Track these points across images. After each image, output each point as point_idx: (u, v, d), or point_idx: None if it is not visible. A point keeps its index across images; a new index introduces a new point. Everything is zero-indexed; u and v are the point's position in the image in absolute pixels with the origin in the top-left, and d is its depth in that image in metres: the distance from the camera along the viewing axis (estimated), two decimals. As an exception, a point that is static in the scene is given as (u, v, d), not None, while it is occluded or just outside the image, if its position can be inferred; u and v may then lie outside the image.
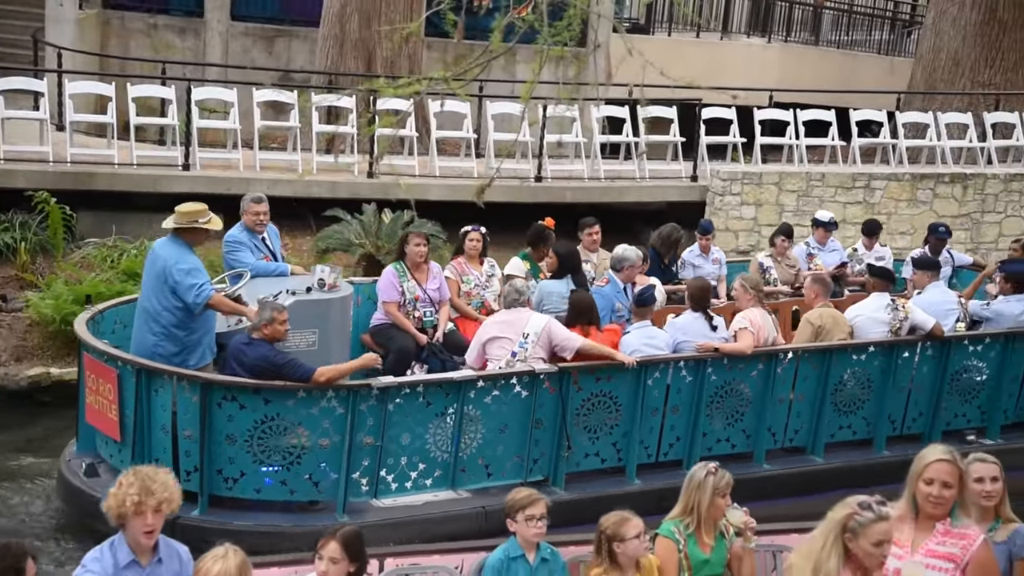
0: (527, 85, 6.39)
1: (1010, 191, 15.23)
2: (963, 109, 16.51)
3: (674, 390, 8.57)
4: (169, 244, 7.92)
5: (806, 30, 21.28)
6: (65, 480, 8.16)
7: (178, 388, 7.49)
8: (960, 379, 9.66)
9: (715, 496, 5.46)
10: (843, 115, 15.66)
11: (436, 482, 7.93)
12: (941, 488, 4.58)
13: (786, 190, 14.60)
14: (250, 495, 7.57)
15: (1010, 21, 17.06)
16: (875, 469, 9.10)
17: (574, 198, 14.45)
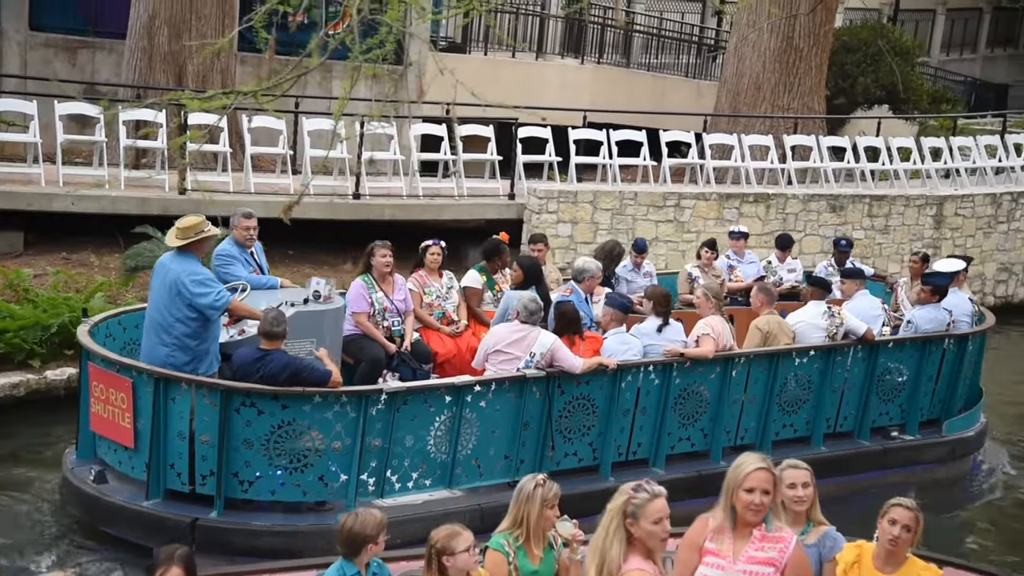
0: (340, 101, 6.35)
1: (808, 210, 16.00)
2: (765, 132, 17.25)
3: (643, 392, 9.04)
4: (177, 257, 8.13)
5: (618, 52, 21.85)
6: (74, 487, 8.26)
7: (197, 395, 7.74)
8: (884, 380, 10.34)
9: (544, 507, 5.48)
10: (654, 136, 16.14)
11: (435, 482, 8.28)
12: (761, 496, 4.75)
13: (601, 208, 14.93)
14: (265, 497, 7.83)
15: (805, 49, 17.94)
16: (814, 465, 9.20)
17: (393, 215, 14.40)
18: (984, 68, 31.38)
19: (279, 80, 5.89)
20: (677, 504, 7.38)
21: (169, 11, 15.11)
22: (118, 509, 7.96)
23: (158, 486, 7.94)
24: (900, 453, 10.49)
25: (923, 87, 21.55)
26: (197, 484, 7.85)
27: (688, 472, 9.17)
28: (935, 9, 30.19)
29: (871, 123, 19.37)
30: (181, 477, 7.89)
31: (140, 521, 7.91)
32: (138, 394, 7.89)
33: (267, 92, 5.84)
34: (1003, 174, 18.63)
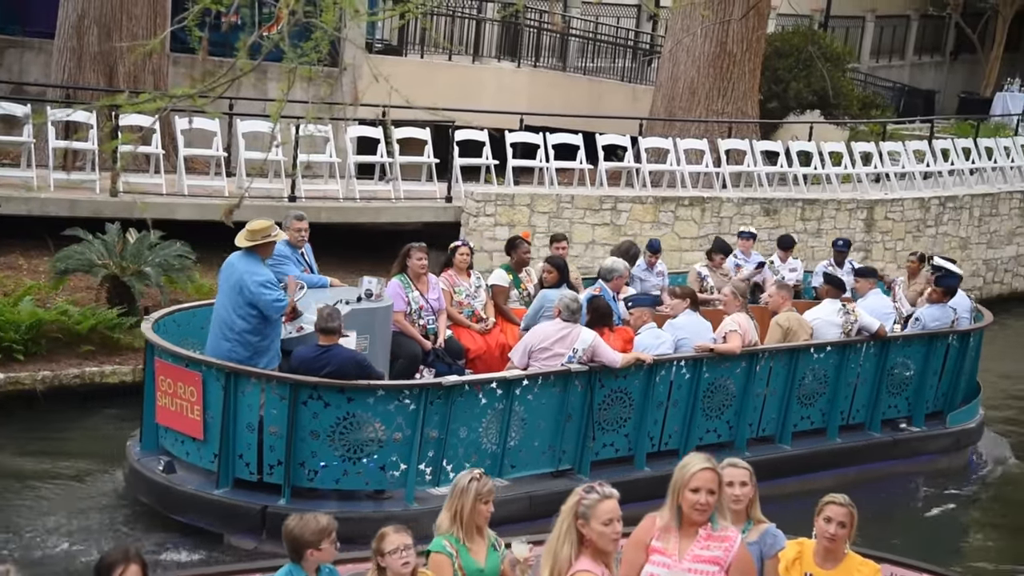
0: (276, 104, 6.29)
1: (743, 214, 16.18)
2: (700, 136, 17.42)
3: (675, 386, 9.52)
4: (244, 258, 8.57)
5: (554, 56, 21.92)
6: (144, 477, 8.63)
7: (267, 388, 8.15)
8: (893, 374, 10.90)
9: (477, 502, 5.49)
10: (590, 139, 16.22)
11: (486, 471, 8.38)
12: (707, 495, 4.80)
13: (538, 211, 14.97)
14: (330, 485, 8.20)
15: (739, 54, 18.15)
16: (829, 455, 10.52)
17: (329, 218, 14.30)
18: (912, 74, 31.99)
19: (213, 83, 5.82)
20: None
21: (99, 10, 14.86)
22: (189, 498, 8.36)
23: (227, 475, 8.29)
24: (908, 444, 11.05)
25: (854, 93, 21.90)
26: (264, 473, 8.23)
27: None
28: (864, 16, 30.71)
29: (804, 128, 19.65)
30: (249, 467, 8.26)
31: (211, 509, 8.27)
32: (208, 388, 8.25)
33: (203, 94, 5.77)
34: (931, 179, 19.01)
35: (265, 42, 6.07)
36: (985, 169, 19.46)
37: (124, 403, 10.91)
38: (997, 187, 19.15)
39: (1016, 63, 31.94)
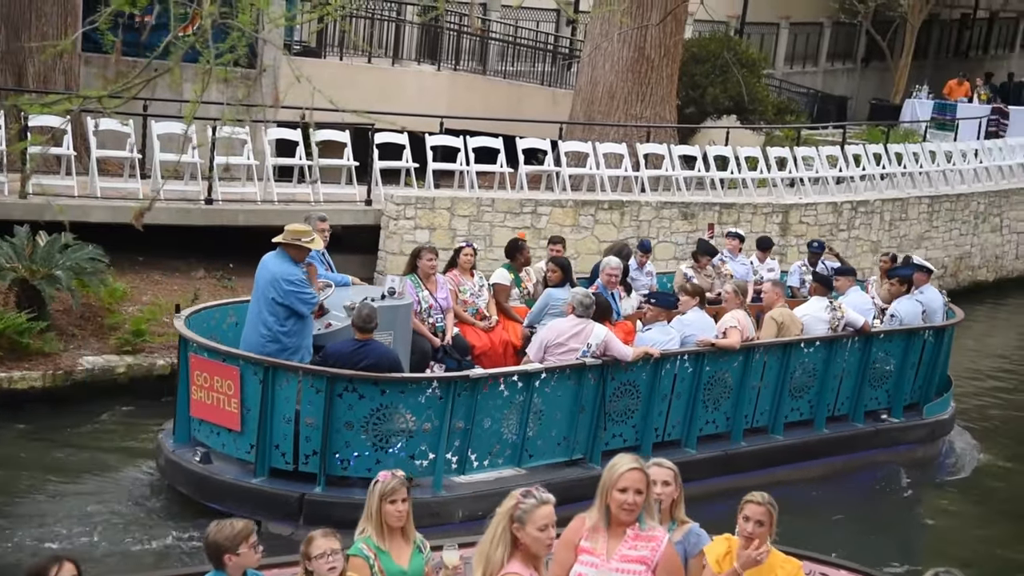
0: (191, 105, 6.19)
1: (661, 217, 16.35)
2: (619, 140, 17.55)
3: (679, 379, 10.05)
4: (278, 258, 8.98)
5: (474, 60, 21.93)
6: (181, 467, 8.98)
7: (303, 381, 8.52)
8: (874, 368, 11.51)
9: (383, 502, 5.48)
10: (510, 143, 16.25)
11: (506, 460, 9.21)
12: (634, 495, 4.86)
13: (458, 215, 14.96)
14: (362, 474, 8.45)
15: (656, 59, 18.33)
16: (818, 445, 11.17)
17: (247, 221, 14.13)
18: (825, 81, 32.61)
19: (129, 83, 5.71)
20: (706, 481, 9.68)
21: (7, 9, 14.50)
22: (228, 487, 8.74)
23: (264, 465, 8.69)
24: (888, 434, 11.71)
25: (769, 98, 22.26)
26: (300, 463, 8.64)
27: (715, 451, 10.34)
28: (779, 23, 31.22)
29: (720, 133, 19.91)
30: (285, 457, 8.67)
31: (250, 497, 8.61)
32: (245, 381, 8.63)
33: (116, 95, 5.65)
34: (843, 183, 19.39)
35: (181, 43, 5.97)
36: (895, 174, 19.91)
37: (34, 413, 10.69)
38: (907, 192, 19.61)
39: (924, 71, 32.79)
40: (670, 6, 17.04)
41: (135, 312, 12.41)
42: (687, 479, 8.77)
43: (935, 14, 34.77)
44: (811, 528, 9.54)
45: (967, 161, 21.15)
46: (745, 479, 9.82)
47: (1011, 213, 21.31)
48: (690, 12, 20.28)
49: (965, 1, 37.30)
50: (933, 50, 36.88)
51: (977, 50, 39.63)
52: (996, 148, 22.34)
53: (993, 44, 40.62)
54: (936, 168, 20.44)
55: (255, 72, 14.96)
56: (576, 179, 16.85)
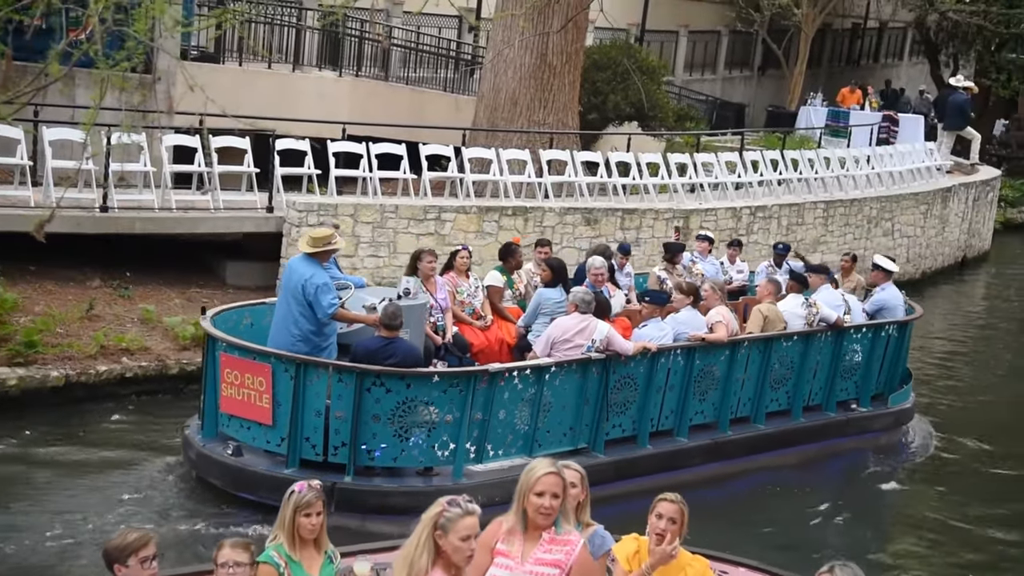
0: (89, 113, 6.03)
1: (565, 223, 16.46)
2: (522, 146, 17.62)
3: (672, 372, 10.72)
4: (304, 262, 9.51)
5: (376, 66, 21.81)
6: (214, 460, 9.50)
7: (334, 377, 9.11)
8: (844, 360, 12.25)
9: (297, 514, 5.43)
10: (413, 149, 16.19)
11: (518, 450, 9.80)
12: (551, 499, 4.88)
13: (362, 221, 14.84)
14: (388, 463, 9.23)
15: (559, 66, 18.44)
16: (795, 434, 11.95)
17: (144, 229, 13.85)
18: (724, 88, 33.20)
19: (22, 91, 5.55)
20: (697, 468, 10.85)
21: None
22: (261, 477, 9.23)
23: (295, 456, 9.24)
24: (857, 422, 12.52)
25: (669, 105, 22.57)
26: (329, 454, 9.22)
27: (705, 440, 11.10)
28: (678, 31, 31.68)
29: (622, 139, 20.13)
30: (316, 448, 9.23)
31: (284, 486, 8.37)
32: (277, 378, 9.16)
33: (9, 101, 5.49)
34: (742, 189, 19.75)
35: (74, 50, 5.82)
36: (792, 180, 20.35)
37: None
38: (803, 197, 20.05)
39: (818, 78, 33.59)
40: (570, 13, 17.15)
41: (27, 323, 12.07)
42: (681, 466, 10.81)
43: (828, 23, 35.65)
44: (795, 509, 10.76)
45: (860, 167, 21.71)
46: (731, 466, 11.19)
47: (901, 217, 21.94)
48: (591, 20, 20.47)
49: (856, 11, 38.32)
50: (826, 58, 37.83)
51: (868, 59, 40.77)
52: (887, 154, 22.98)
53: (883, 53, 41.84)
54: (831, 174, 20.94)
55: (151, 78, 14.65)
56: (480, 185, 16.87)
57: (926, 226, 22.73)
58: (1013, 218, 29.88)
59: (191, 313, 13.42)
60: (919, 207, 22.41)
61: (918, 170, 23.22)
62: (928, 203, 22.68)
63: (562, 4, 17.22)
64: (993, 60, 31.95)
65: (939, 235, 23.44)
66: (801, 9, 31.11)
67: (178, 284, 14.38)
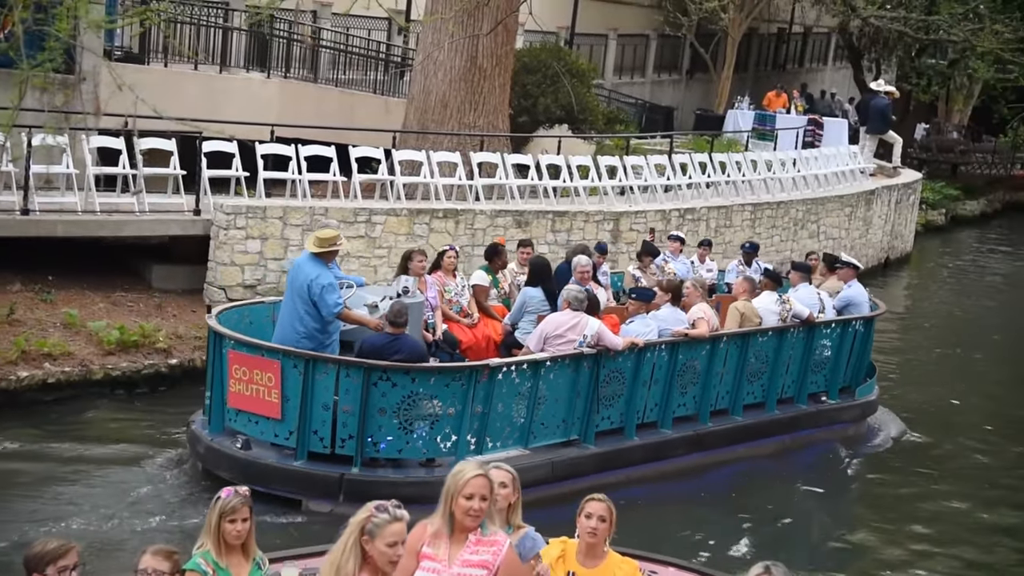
0: (8, 113, 5.90)
1: (496, 225, 16.46)
2: (452, 149, 17.59)
3: (657, 367, 11.16)
4: (311, 262, 9.87)
5: (305, 67, 21.63)
6: (224, 454, 9.82)
7: (342, 372, 9.46)
8: (815, 355, 12.77)
9: (222, 520, 5.37)
10: (343, 151, 16.09)
11: (515, 442, 10.25)
12: (480, 501, 4.89)
13: (291, 224, 14.71)
14: (393, 455, 9.64)
15: (489, 69, 18.44)
16: (770, 425, 12.50)
17: (67, 232, 13.59)
18: (652, 91, 33.49)
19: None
20: (680, 459, 11.47)
21: None
22: (272, 469, 9.64)
23: (303, 449, 9.63)
24: (827, 414, 13.09)
25: (599, 108, 22.69)
26: (336, 446, 9.58)
27: (687, 431, 11.58)
28: (608, 35, 31.88)
29: (552, 142, 20.19)
30: (323, 441, 9.60)
31: (293, 478, 9.57)
32: (286, 374, 9.50)
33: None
34: (671, 191, 19.93)
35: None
36: (720, 183, 20.58)
37: None
38: (731, 200, 20.29)
39: (745, 82, 34.05)
40: (500, 16, 17.17)
41: (-55, 329, 11.78)
42: (665, 457, 11.38)
43: (754, 28, 36.16)
44: (774, 497, 11.42)
45: (786, 170, 22.03)
46: (712, 456, 11.74)
47: (827, 220, 22.31)
48: (520, 23, 20.51)
49: (781, 17, 38.91)
50: (753, 63, 38.35)
51: (794, 63, 41.41)
52: (812, 157, 23.35)
53: (808, 58, 42.52)
54: (758, 176, 21.22)
55: (73, 78, 14.38)
56: (410, 188, 16.81)
57: (851, 228, 23.13)
58: (934, 220, 30.54)
59: (116, 317, 13.21)
60: (844, 209, 22.80)
61: (842, 173, 23.63)
62: (852, 205, 23.08)
63: (491, 7, 17.23)
64: (913, 65, 32.58)
65: (863, 237, 23.87)
66: (728, 14, 31.49)
67: (102, 288, 14.12)
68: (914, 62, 32.48)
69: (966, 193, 33.37)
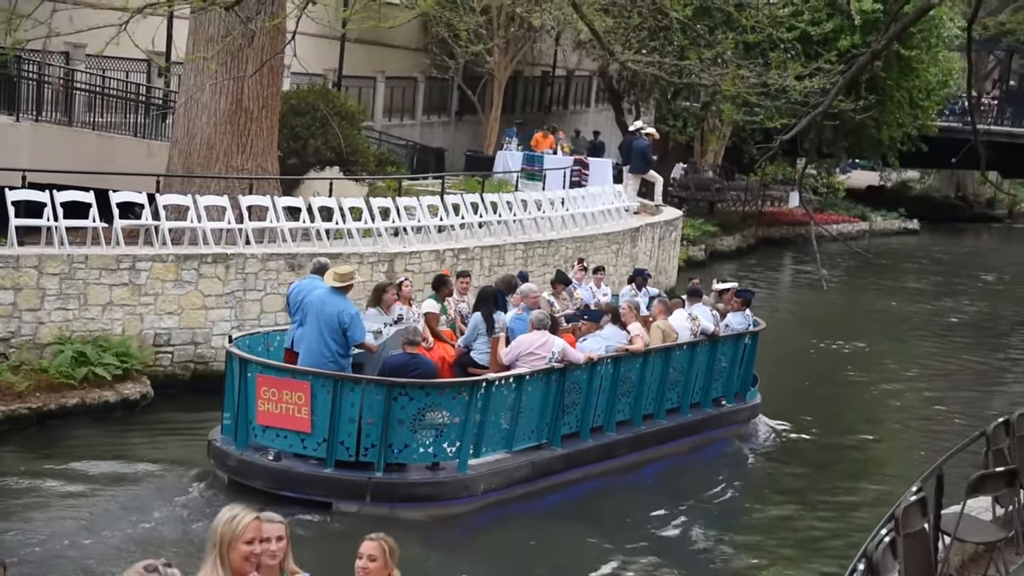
0: None
1: (268, 269, 16.10)
2: (220, 192, 17.12)
3: (603, 378, 12.97)
4: (333, 295, 11.38)
5: (59, 110, 20.62)
6: (257, 466, 11.24)
7: (366, 390, 11.07)
8: (717, 365, 14.83)
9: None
10: (103, 196, 15.39)
11: (501, 446, 11.96)
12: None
13: (47, 273, 13.93)
14: (409, 460, 11.28)
15: (255, 110, 18.10)
16: (685, 427, 14.52)
17: None
18: (423, 133, 33.74)
19: None
20: (624, 457, 13.53)
21: None
22: (305, 476, 11.13)
23: (331, 458, 11.11)
24: (727, 416, 15.30)
25: (369, 150, 22.64)
26: (360, 454, 11.14)
27: (627, 434, 13.55)
28: (376, 77, 31.96)
29: (324, 184, 19.97)
30: (349, 450, 11.15)
31: (325, 483, 11.09)
32: (315, 392, 11.02)
33: None
34: (444, 232, 20.04)
35: None
36: (492, 222, 20.86)
37: None
38: (503, 239, 20.59)
39: (513, 123, 34.72)
40: (264, 57, 16.88)
41: None
42: (612, 456, 13.37)
43: (519, 71, 37.05)
44: (700, 483, 13.71)
45: (555, 209, 22.56)
46: (645, 455, 13.72)
47: (595, 256, 22.92)
48: (286, 64, 20.26)
49: (545, 60, 40.05)
50: (520, 104, 39.25)
51: (559, 105, 42.66)
52: (580, 196, 24.02)
53: (572, 100, 43.91)
54: (528, 216, 21.63)
55: None
56: (177, 233, 16.23)
57: (618, 264, 23.88)
58: (694, 256, 31.92)
59: None
60: (611, 246, 23.54)
61: (609, 211, 24.40)
62: (619, 242, 23.86)
63: (255, 48, 16.94)
64: (670, 108, 34.09)
65: (630, 272, 24.68)
66: (493, 57, 32.14)
67: None
68: (670, 105, 33.99)
69: (723, 229, 35.06)
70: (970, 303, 30.45)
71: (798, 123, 10.59)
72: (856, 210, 43.11)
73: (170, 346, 15.39)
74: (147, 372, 14.94)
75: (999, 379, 21.84)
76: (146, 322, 15.04)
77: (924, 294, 31.57)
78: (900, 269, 35.55)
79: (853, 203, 44.35)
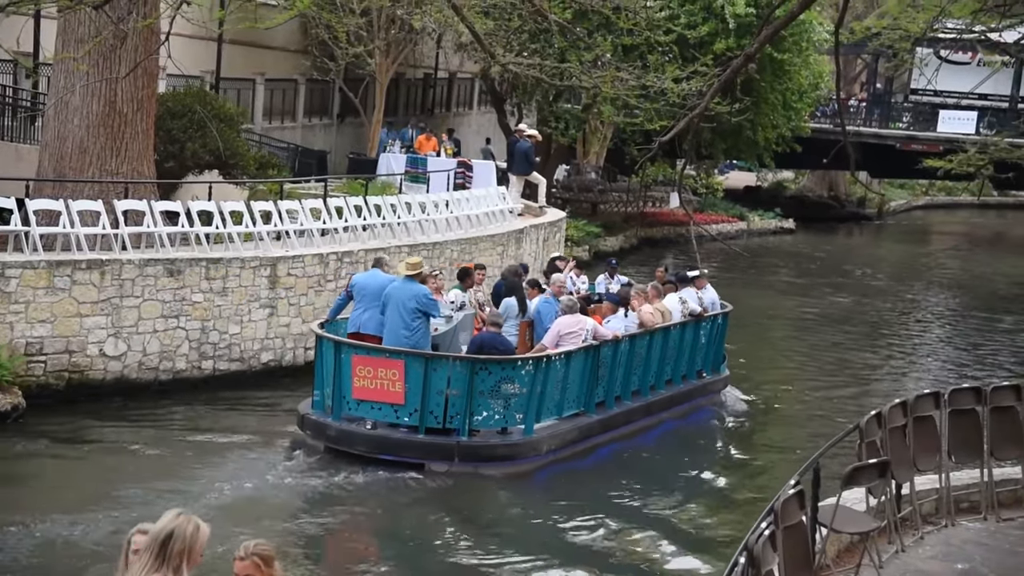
0: None
1: (145, 275, 15.71)
2: (94, 197, 16.65)
3: (623, 353, 14.98)
4: (408, 283, 13.39)
5: (-80, 112, 19.81)
6: (357, 434, 13.35)
7: (453, 366, 13.17)
8: (697, 342, 16.91)
9: None
10: (-32, 202, 14.82)
11: (553, 412, 13.98)
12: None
13: (-92, 284, 13.33)
14: (487, 427, 13.41)
15: (130, 113, 17.66)
16: (680, 395, 16.72)
17: None
18: (304, 135, 33.29)
19: None
20: (635, 423, 15.86)
21: None
22: (400, 441, 13.19)
23: (422, 425, 13.12)
24: (708, 386, 17.62)
25: (249, 153, 22.25)
26: (446, 421, 13.15)
27: (640, 402, 15.75)
28: (255, 79, 31.44)
29: (203, 187, 19.58)
30: (437, 419, 13.12)
31: (419, 447, 13.13)
32: (409, 369, 12.96)
33: None
34: (328, 235, 19.84)
35: None
36: (376, 225, 20.72)
37: None
38: (388, 242, 20.47)
39: (396, 126, 34.55)
40: (138, 59, 16.46)
41: None
42: (630, 421, 15.50)
43: (401, 73, 36.86)
44: (696, 448, 16.08)
45: (440, 211, 22.53)
46: (652, 420, 15.90)
47: (480, 258, 22.95)
48: (161, 66, 19.78)
49: (427, 62, 39.94)
50: (402, 107, 39.07)
51: (441, 107, 42.59)
52: (464, 199, 24.03)
53: (454, 102, 43.90)
54: (413, 218, 21.55)
55: None
56: (48, 239, 15.73)
57: (502, 266, 23.94)
58: (579, 256, 32.23)
59: None
60: (496, 248, 23.60)
61: (493, 213, 24.47)
62: (504, 244, 23.94)
63: (128, 49, 16.52)
64: (552, 110, 34.31)
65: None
66: (374, 59, 31.93)
67: None
68: (552, 107, 34.20)
69: (606, 230, 35.45)
70: (845, 298, 31.42)
71: (676, 125, 10.77)
72: (734, 210, 44.04)
73: (43, 355, 14.91)
74: (18, 383, 14.45)
75: (873, 374, 22.56)
76: (16, 331, 14.54)
77: (799, 290, 32.51)
78: (777, 267, 36.50)
79: (731, 203, 45.29)
